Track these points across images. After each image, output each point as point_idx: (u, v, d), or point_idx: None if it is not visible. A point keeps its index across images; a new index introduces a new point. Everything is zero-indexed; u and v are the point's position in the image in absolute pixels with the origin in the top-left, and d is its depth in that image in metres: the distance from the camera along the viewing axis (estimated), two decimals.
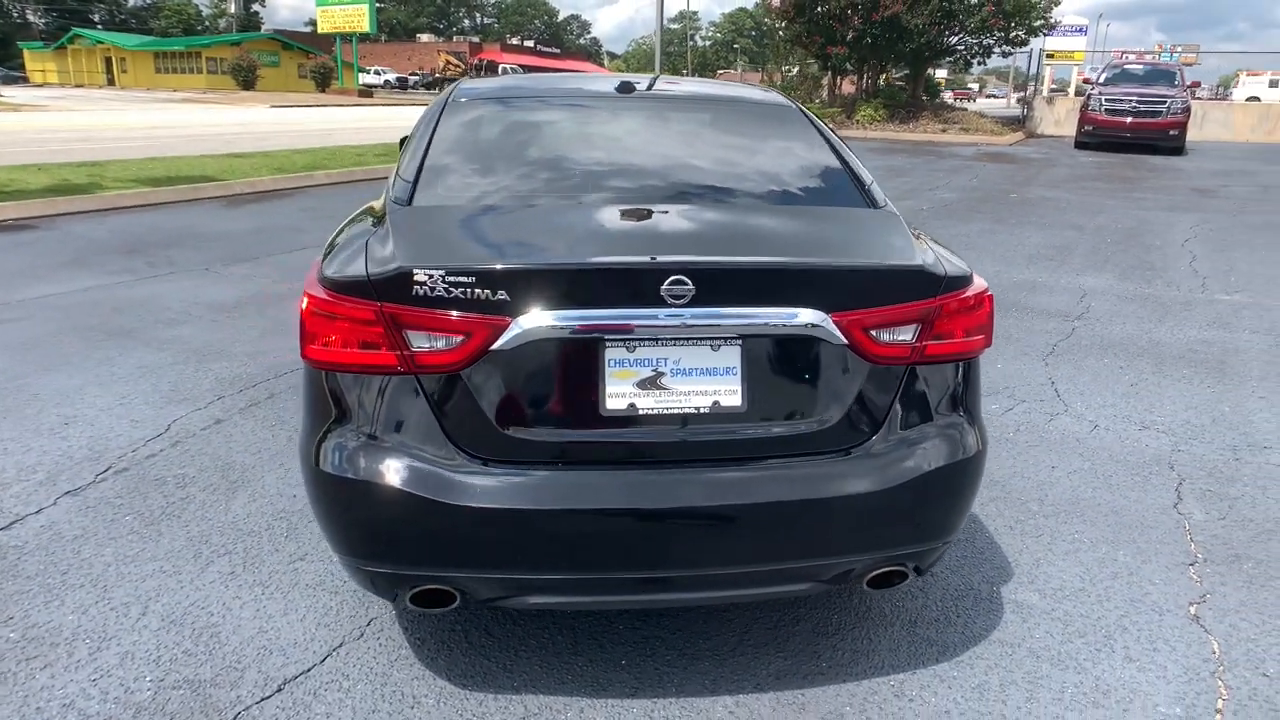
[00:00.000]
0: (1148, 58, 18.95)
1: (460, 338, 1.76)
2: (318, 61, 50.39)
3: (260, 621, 2.33)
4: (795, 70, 22.29)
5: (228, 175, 10.40)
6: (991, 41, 18.83)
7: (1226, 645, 2.30)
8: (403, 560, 1.85)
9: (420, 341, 1.77)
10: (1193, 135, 17.09)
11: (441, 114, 2.54)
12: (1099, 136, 16.31)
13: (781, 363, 1.85)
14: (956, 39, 19.03)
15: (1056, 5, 18.33)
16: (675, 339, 1.79)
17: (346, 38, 46.99)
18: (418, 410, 1.82)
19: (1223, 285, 6.39)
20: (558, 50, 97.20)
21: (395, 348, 1.78)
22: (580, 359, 1.79)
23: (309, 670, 2.14)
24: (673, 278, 1.73)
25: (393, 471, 1.80)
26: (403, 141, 4.14)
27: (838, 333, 1.81)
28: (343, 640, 2.26)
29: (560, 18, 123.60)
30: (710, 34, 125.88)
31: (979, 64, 20.67)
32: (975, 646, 2.29)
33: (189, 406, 3.77)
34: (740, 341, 1.80)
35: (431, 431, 1.81)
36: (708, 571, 1.86)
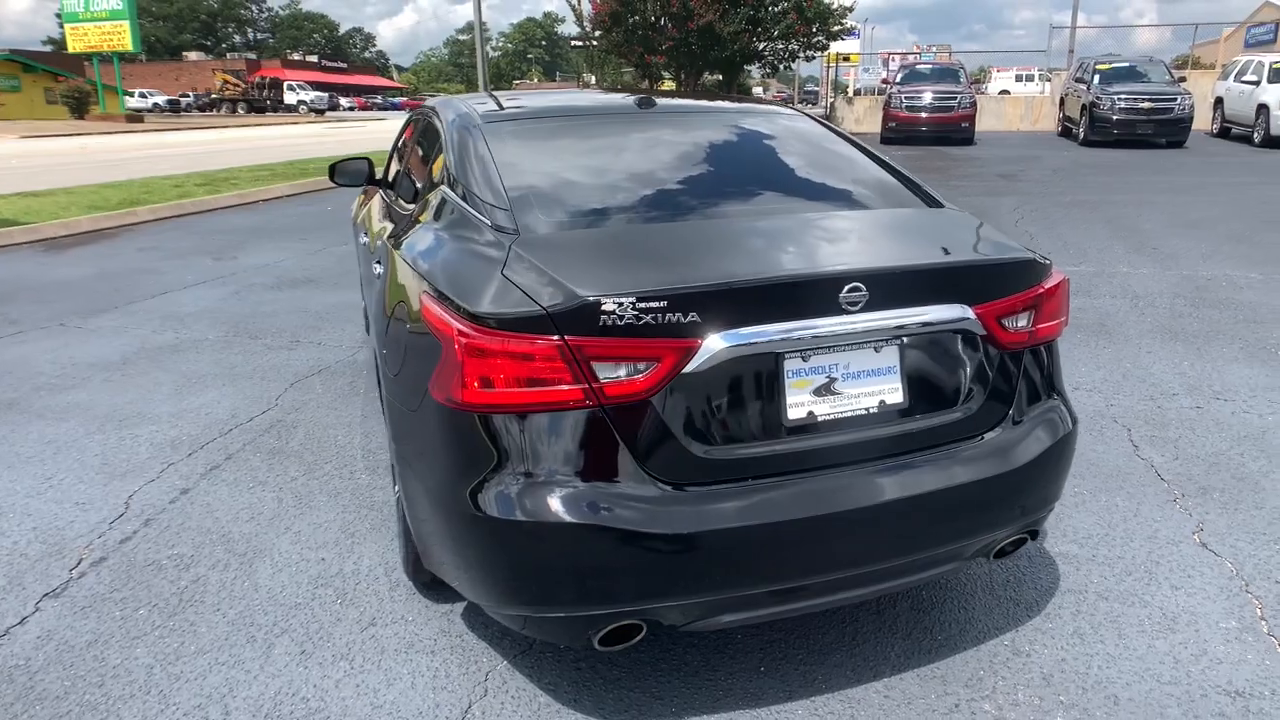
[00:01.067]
0: (941, 58, 21.12)
1: (651, 364, 1.72)
2: (70, 85, 44.95)
3: (369, 698, 2.14)
4: (610, 79, 22.75)
5: (31, 217, 9.14)
6: (796, 46, 20.25)
7: (1238, 563, 2.68)
8: (596, 599, 1.78)
9: (607, 372, 1.72)
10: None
11: (471, 137, 2.46)
12: (902, 132, 18.00)
13: (933, 357, 1.96)
14: (765, 45, 20.25)
15: (850, 11, 20.06)
16: (846, 345, 1.85)
17: (105, 58, 42.41)
18: (606, 442, 1.76)
19: (1067, 258, 7.27)
20: (344, 65, 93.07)
21: (580, 381, 1.71)
22: (763, 373, 1.81)
23: None
24: (850, 284, 1.79)
25: (587, 508, 1.73)
26: (334, 169, 3.92)
27: (979, 324, 1.94)
28: (470, 701, 2.12)
29: (342, 31, 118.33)
30: (501, 45, 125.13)
31: (785, 68, 22.20)
32: (1053, 599, 2.51)
33: (138, 479, 3.33)
34: (899, 341, 1.89)
35: (623, 462, 1.76)
36: (884, 565, 1.93)
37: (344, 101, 68.47)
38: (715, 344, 1.73)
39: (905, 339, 1.90)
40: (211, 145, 23.11)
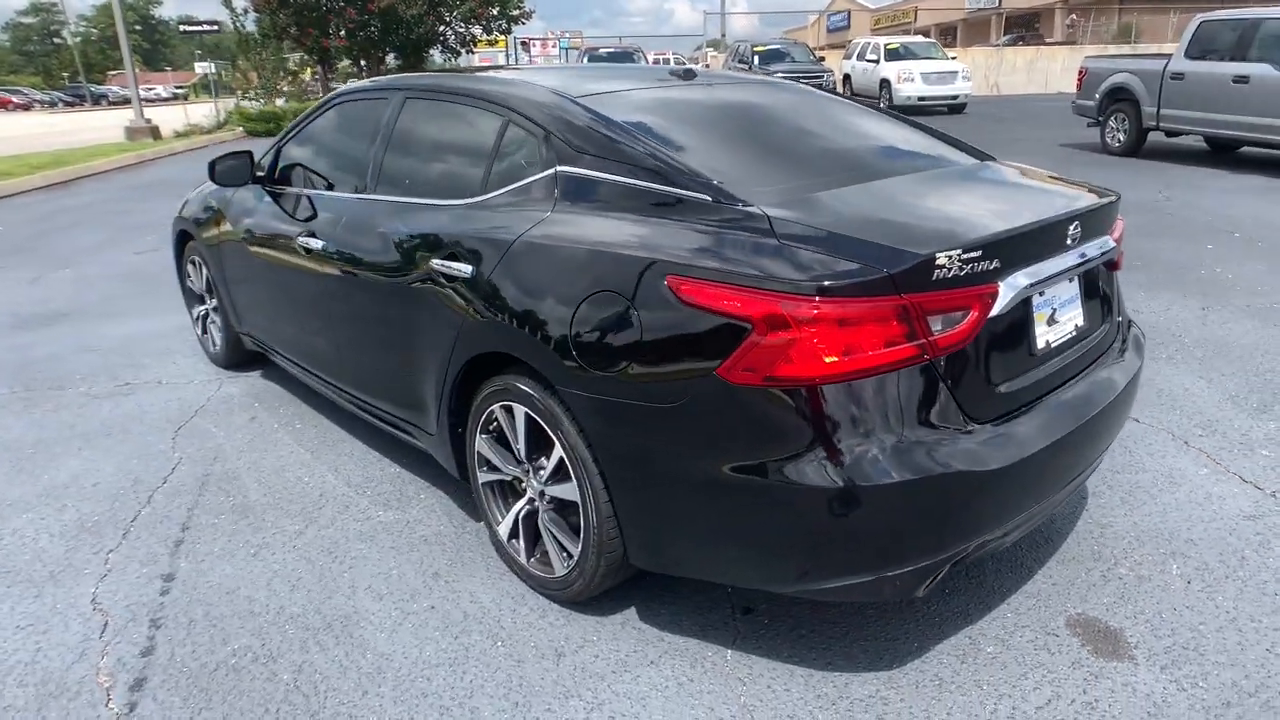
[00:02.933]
0: (623, 43, 22.14)
1: (967, 312, 1.79)
2: None
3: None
4: (271, 66, 20.60)
5: None
6: (479, 30, 19.99)
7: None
8: (938, 547, 1.82)
9: (936, 325, 1.75)
10: None
11: (598, 116, 2.29)
12: None
13: (1090, 283, 2.25)
14: (447, 28, 19.72)
15: None
16: (1061, 278, 2.06)
17: None
18: (936, 393, 1.79)
19: None
20: None
21: (917, 337, 1.73)
22: (1023, 310, 1.97)
23: None
24: (1074, 224, 2.01)
25: (942, 458, 1.76)
26: (215, 167, 3.29)
27: (1115, 251, 2.28)
28: (739, 695, 2.03)
29: None
30: (82, 29, 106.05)
31: (468, 52, 21.78)
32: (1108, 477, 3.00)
33: (82, 580, 2.55)
34: (1081, 271, 2.16)
35: (948, 409, 1.81)
36: (1091, 465, 2.21)
37: None
38: (1010, 288, 1.86)
39: (1084, 269, 2.17)
40: None
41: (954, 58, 20.08)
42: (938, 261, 1.73)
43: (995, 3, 40.23)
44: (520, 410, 2.26)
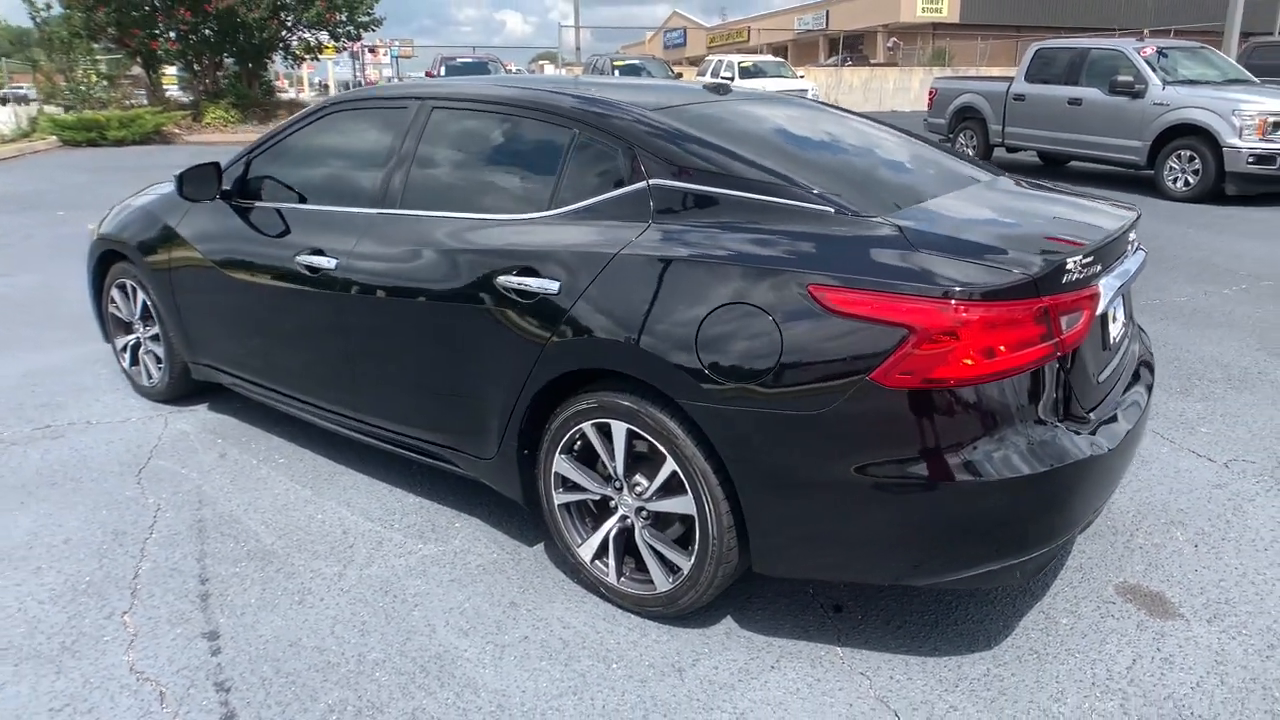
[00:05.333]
0: (477, 53, 21.65)
1: (1084, 311, 1.95)
2: None
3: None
4: (84, 68, 18.67)
5: None
6: (326, 35, 18.99)
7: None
8: (1065, 529, 1.97)
9: (1064, 325, 1.90)
10: None
11: (679, 130, 2.32)
12: None
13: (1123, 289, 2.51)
14: (291, 33, 18.60)
15: (378, 1, 19.42)
16: (1119, 282, 2.27)
17: None
18: (1063, 386, 1.95)
19: None
20: None
21: (1052, 336, 1.87)
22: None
23: None
24: (1132, 231, 2.23)
25: (1075, 446, 1.93)
26: (184, 180, 3.05)
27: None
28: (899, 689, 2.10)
29: None
30: None
31: (313, 58, 20.59)
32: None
33: (102, 646, 2.25)
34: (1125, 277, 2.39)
35: (1072, 401, 1.99)
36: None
37: None
38: (1106, 288, 2.04)
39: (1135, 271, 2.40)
40: None
41: (802, 76, 21.26)
42: (1067, 265, 1.89)
43: (823, 25, 42.93)
44: (620, 427, 2.22)
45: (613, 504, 2.36)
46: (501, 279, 2.37)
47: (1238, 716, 2.00)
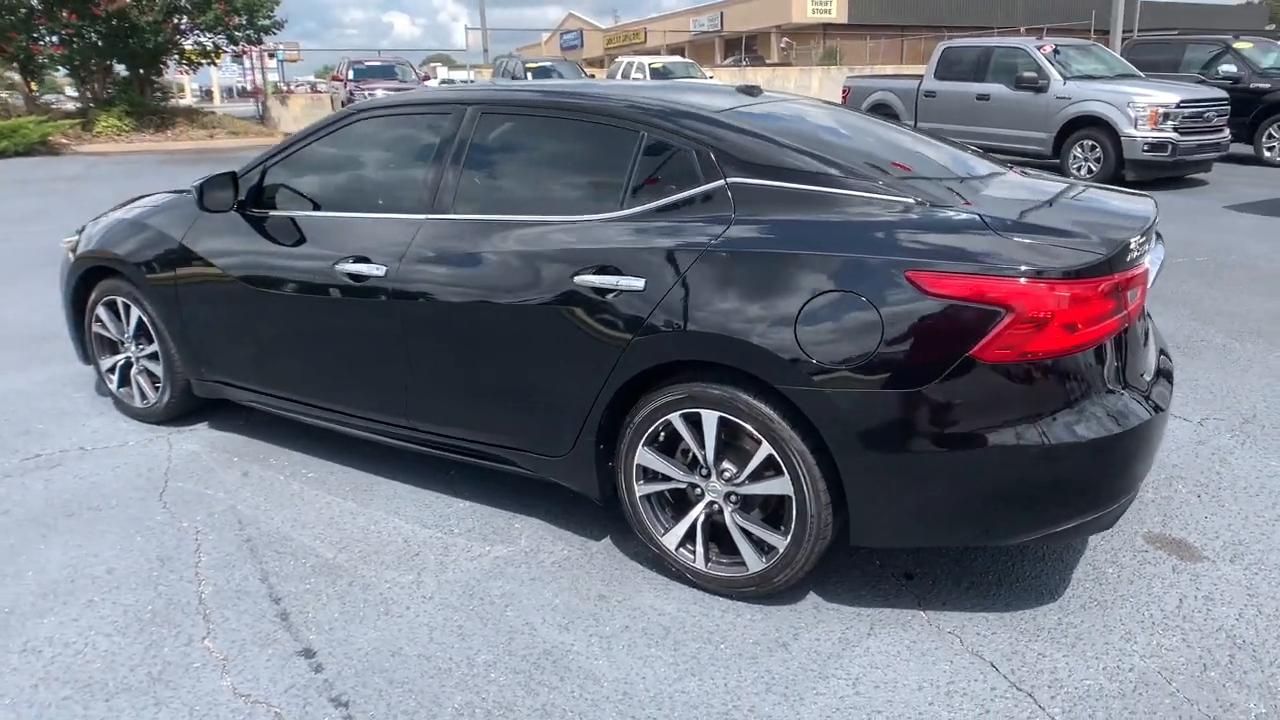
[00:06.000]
0: (383, 57, 21.04)
1: (1140, 287, 2.15)
2: None
3: (938, 700, 2.10)
4: None
5: None
6: (225, 39, 18.09)
7: None
8: (1138, 480, 2.19)
9: (1128, 299, 2.10)
10: None
11: (753, 130, 2.45)
12: None
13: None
14: (184, 37, 17.64)
15: (277, 5, 18.62)
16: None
17: None
18: (1129, 353, 2.17)
19: None
20: None
21: (1121, 310, 2.07)
22: None
23: None
24: (1158, 217, 2.46)
25: (1146, 404, 2.17)
26: (205, 190, 2.98)
27: None
28: (1016, 654, 2.25)
29: None
30: None
31: (209, 63, 19.55)
32: None
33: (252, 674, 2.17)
34: None
35: (1134, 366, 2.23)
36: None
37: None
38: (1151, 266, 2.25)
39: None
40: None
41: (711, 77, 21.68)
42: (1130, 245, 2.09)
43: (717, 26, 43.78)
44: (712, 415, 2.31)
45: (698, 491, 2.44)
46: (579, 278, 2.42)
47: None
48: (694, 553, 2.47)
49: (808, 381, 2.13)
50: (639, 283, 2.33)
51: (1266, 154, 11.31)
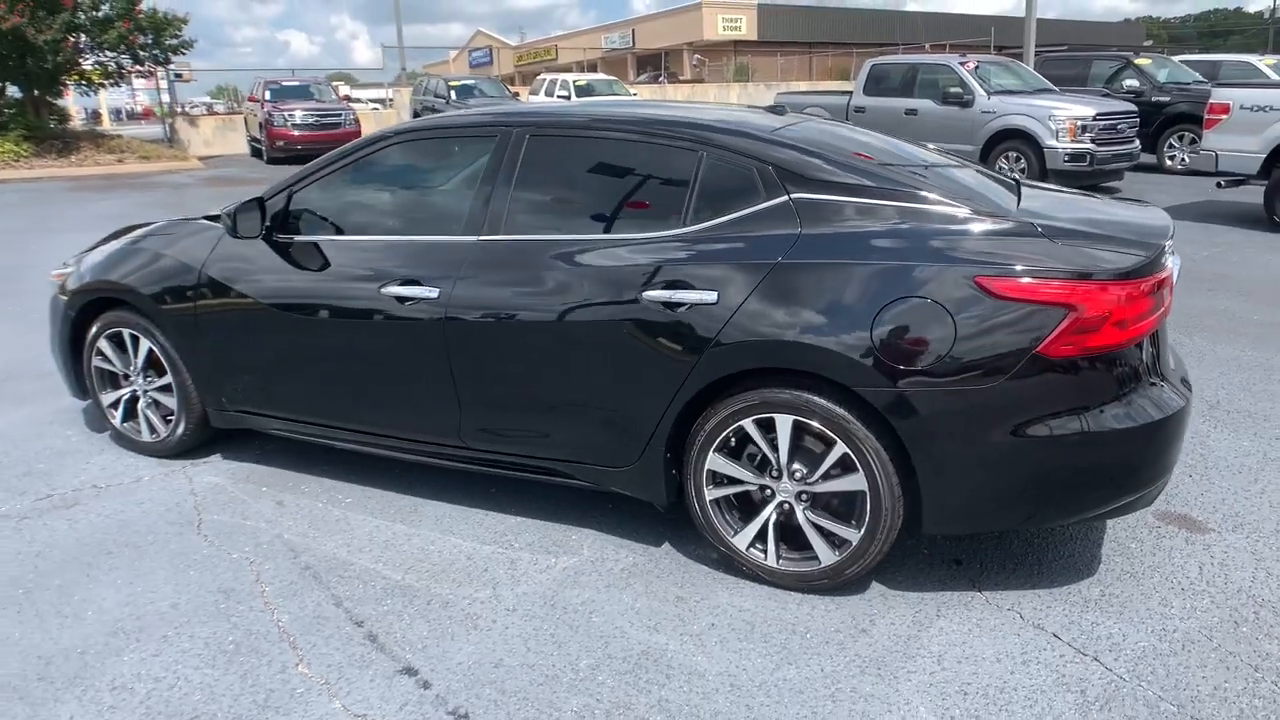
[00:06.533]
0: (297, 75, 20.38)
1: (1169, 287, 2.40)
2: None
3: (1015, 672, 2.28)
4: None
5: None
6: (129, 60, 17.26)
7: None
8: (1175, 461, 2.42)
9: (1162, 298, 2.34)
10: None
11: (812, 148, 2.61)
12: (290, 150, 17.25)
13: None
14: (92, 57, 16.78)
15: (185, 24, 17.88)
16: None
17: None
18: (1163, 346, 2.40)
19: None
20: None
21: (1160, 307, 2.31)
22: None
23: None
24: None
25: (1180, 392, 2.42)
26: (237, 217, 2.99)
27: None
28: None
29: None
30: None
31: (113, 84, 18.59)
32: None
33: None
34: None
35: (1166, 357, 2.45)
36: None
37: None
38: (1173, 269, 2.51)
39: None
40: None
41: (635, 94, 21.98)
42: (1165, 247, 2.34)
43: (629, 43, 44.36)
44: (786, 419, 2.44)
45: (768, 492, 2.57)
46: (648, 294, 2.52)
47: None
48: (765, 551, 2.60)
49: (886, 383, 2.29)
50: (711, 296, 2.46)
51: (1168, 162, 12.27)
